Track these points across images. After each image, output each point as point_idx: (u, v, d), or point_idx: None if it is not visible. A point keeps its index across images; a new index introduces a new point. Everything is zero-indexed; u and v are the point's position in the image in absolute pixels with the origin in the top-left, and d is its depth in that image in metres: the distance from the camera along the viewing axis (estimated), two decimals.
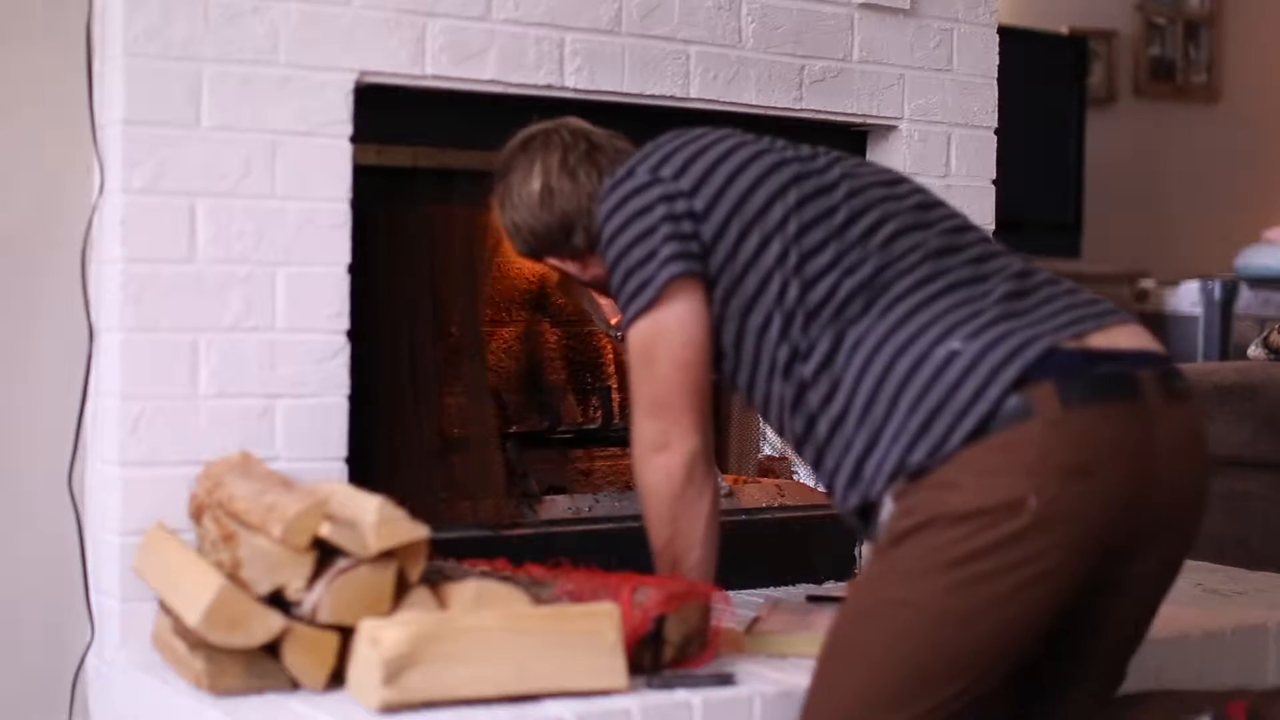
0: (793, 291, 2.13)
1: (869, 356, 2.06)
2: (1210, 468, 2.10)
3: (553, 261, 2.45)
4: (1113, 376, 1.99)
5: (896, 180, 2.29)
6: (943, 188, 2.95)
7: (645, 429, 2.27)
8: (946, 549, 1.94)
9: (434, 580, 2.17)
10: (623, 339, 2.81)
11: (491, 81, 2.61)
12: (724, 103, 2.81)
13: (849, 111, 2.96)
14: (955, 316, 2.05)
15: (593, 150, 2.39)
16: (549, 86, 2.65)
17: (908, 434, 2.00)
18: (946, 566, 1.94)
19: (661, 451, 2.25)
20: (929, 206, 2.25)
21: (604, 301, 2.92)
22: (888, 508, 2.04)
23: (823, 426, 2.10)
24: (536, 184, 2.37)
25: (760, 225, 2.17)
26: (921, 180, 2.40)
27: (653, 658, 2.19)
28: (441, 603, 2.15)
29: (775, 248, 2.16)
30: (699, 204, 2.20)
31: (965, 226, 2.23)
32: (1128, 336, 2.07)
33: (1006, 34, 3.18)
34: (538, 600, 2.18)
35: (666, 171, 2.23)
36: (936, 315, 2.06)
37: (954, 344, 2.01)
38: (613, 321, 2.89)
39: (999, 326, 2.03)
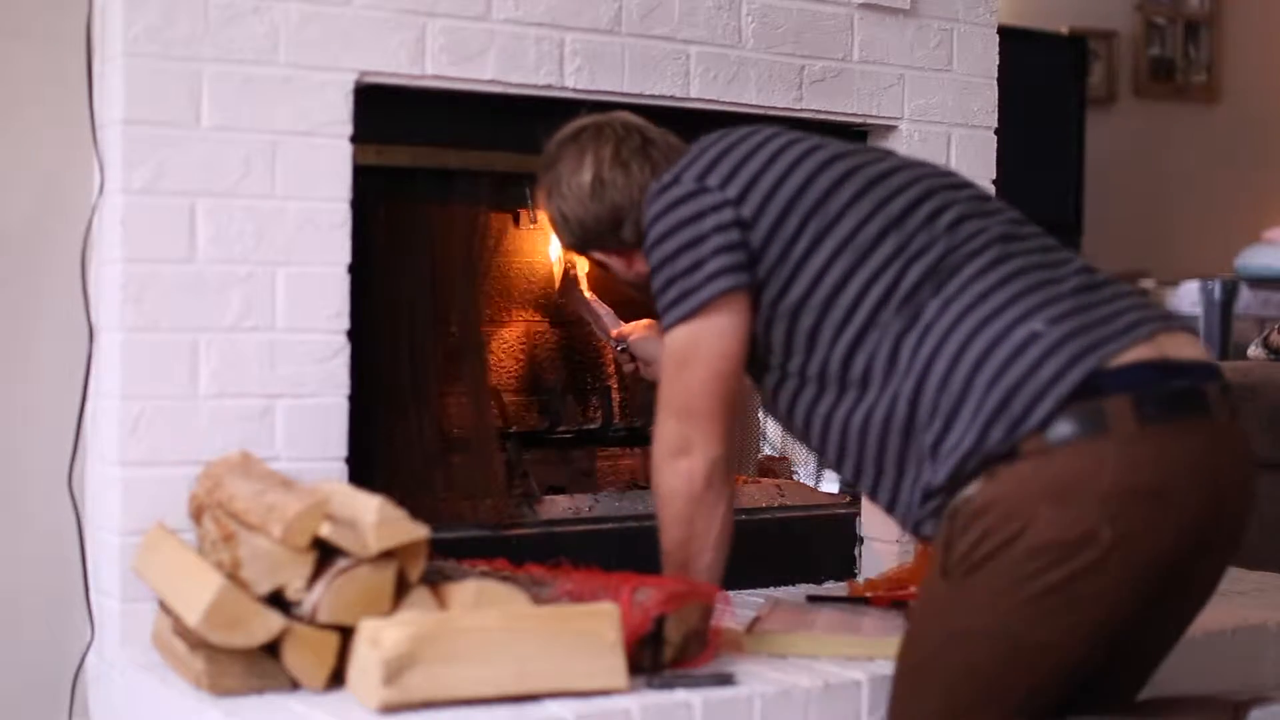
0: (853, 286, 2.13)
1: (942, 338, 2.06)
2: (1256, 475, 2.11)
3: (598, 255, 2.44)
4: (1187, 392, 2.00)
5: (950, 173, 2.31)
6: None
7: (670, 431, 2.27)
8: (1024, 583, 1.96)
9: (434, 580, 2.17)
10: (624, 350, 2.82)
11: (491, 81, 2.61)
12: (724, 103, 2.81)
13: (849, 111, 2.96)
14: (1033, 300, 2.05)
15: (646, 144, 2.38)
16: (549, 86, 2.65)
17: (985, 412, 1.99)
18: (1025, 600, 1.96)
19: (683, 455, 2.26)
20: (986, 198, 2.26)
21: (603, 311, 2.92)
22: (945, 521, 2.04)
23: (899, 410, 2.09)
24: (588, 175, 2.36)
25: (813, 225, 2.17)
26: None
27: (653, 658, 2.19)
28: (441, 603, 2.15)
29: (829, 245, 2.16)
30: (746, 211, 2.19)
31: (1023, 220, 2.24)
32: (1189, 346, 2.07)
33: (1006, 34, 3.18)
34: (538, 600, 2.18)
35: (713, 180, 2.22)
36: (1013, 297, 2.06)
37: (1035, 325, 2.01)
38: (613, 333, 2.88)
39: (1078, 318, 2.02)
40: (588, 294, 2.98)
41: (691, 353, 2.23)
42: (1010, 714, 2.01)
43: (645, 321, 2.82)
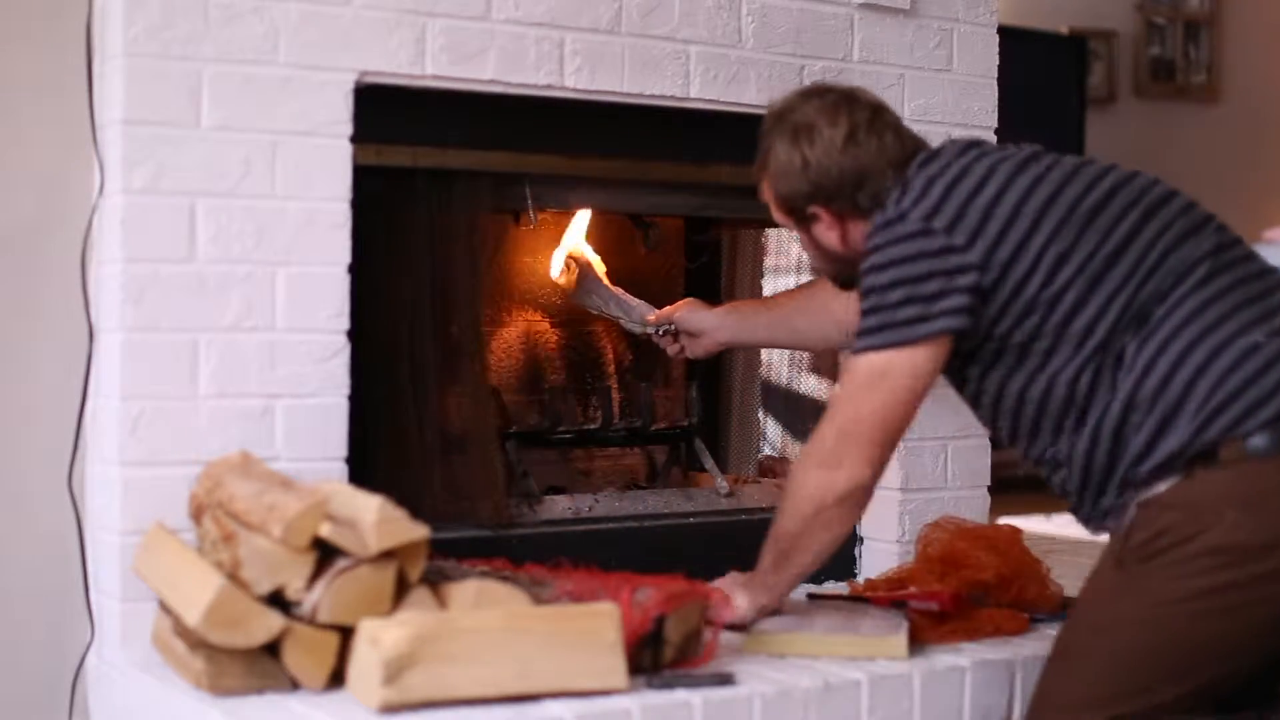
0: (1088, 312, 2.17)
1: (1165, 341, 2.12)
2: None
3: (815, 210, 2.40)
4: None
5: (1156, 182, 2.33)
6: None
7: (827, 441, 2.30)
8: (1194, 579, 2.01)
9: (434, 580, 2.17)
10: (663, 334, 2.84)
11: (491, 81, 2.61)
12: (724, 103, 2.81)
13: None
14: (1252, 312, 2.12)
15: (899, 124, 2.40)
16: (549, 86, 2.65)
17: (1204, 414, 2.06)
18: (1191, 596, 2.01)
19: (828, 469, 2.29)
20: (1193, 205, 2.29)
21: (635, 302, 2.93)
22: (1132, 512, 2.10)
23: (1113, 411, 2.14)
24: (843, 130, 2.35)
25: (1046, 262, 2.20)
26: None
27: (653, 658, 2.19)
28: (441, 603, 2.15)
29: (1062, 277, 2.19)
30: (974, 256, 2.21)
31: (1224, 226, 2.28)
32: None
33: (1006, 34, 3.18)
34: (538, 600, 2.18)
35: (939, 221, 2.23)
36: (1234, 307, 2.13)
37: (1257, 336, 2.08)
38: (650, 319, 2.89)
39: None
40: (614, 287, 2.98)
41: (879, 378, 2.25)
42: (1157, 707, 2.05)
43: (685, 300, 2.86)
